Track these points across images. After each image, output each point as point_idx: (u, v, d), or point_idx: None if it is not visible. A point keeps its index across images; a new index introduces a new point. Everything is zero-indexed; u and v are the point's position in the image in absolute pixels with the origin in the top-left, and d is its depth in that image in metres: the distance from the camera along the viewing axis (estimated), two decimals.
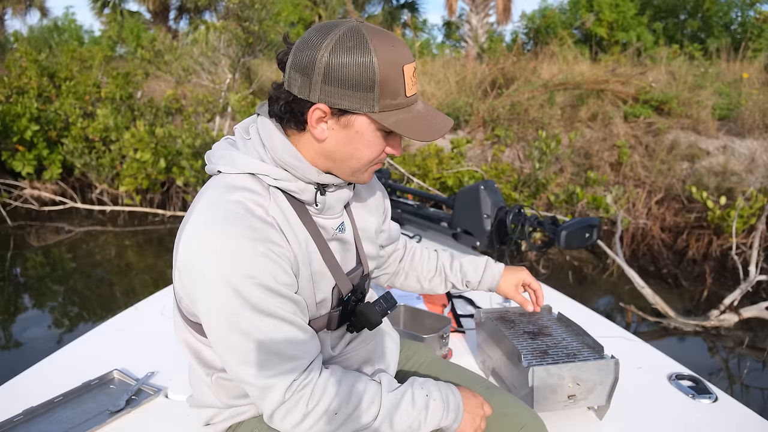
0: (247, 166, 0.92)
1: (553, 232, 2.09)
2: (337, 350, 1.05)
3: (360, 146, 0.90)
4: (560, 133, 5.42)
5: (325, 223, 0.99)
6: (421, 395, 0.97)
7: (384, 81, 0.84)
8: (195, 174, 5.34)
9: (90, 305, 3.97)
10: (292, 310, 0.90)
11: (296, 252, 0.92)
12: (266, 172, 0.92)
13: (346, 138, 0.90)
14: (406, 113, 0.89)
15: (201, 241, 0.86)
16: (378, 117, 0.87)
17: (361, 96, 0.85)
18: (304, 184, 0.94)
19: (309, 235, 0.96)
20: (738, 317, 3.50)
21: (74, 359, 1.55)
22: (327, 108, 0.86)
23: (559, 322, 1.51)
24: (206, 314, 0.89)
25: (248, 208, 0.88)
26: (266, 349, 0.87)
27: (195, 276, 0.88)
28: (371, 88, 0.84)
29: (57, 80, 7.29)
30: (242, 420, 1.04)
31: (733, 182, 5.28)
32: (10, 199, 6.06)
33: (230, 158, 0.93)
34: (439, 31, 27.81)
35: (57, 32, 16.75)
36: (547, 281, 2.35)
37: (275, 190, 0.93)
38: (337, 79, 0.84)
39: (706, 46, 9.62)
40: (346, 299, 1.02)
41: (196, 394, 1.08)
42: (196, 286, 0.88)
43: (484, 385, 1.18)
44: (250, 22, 6.43)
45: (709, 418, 1.35)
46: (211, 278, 0.85)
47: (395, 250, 1.34)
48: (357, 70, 0.83)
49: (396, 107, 0.88)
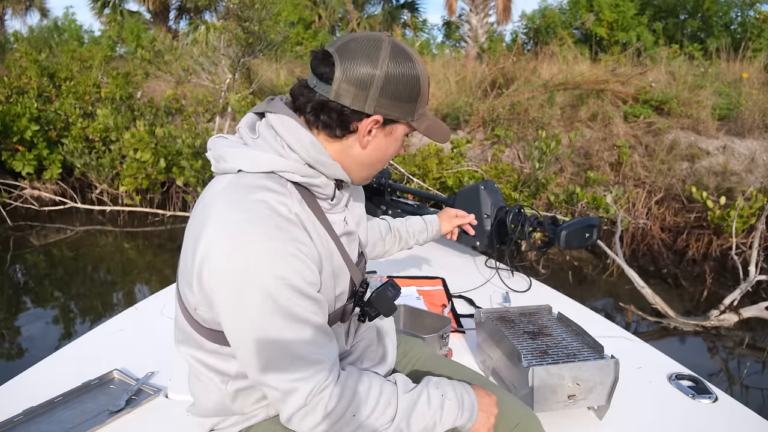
0: (270, 163, 0.91)
1: (553, 232, 2.09)
2: (349, 344, 1.08)
3: (389, 149, 1.00)
4: (560, 133, 5.42)
5: (335, 218, 1.01)
6: (436, 395, 0.98)
7: (423, 92, 0.95)
8: (195, 174, 5.33)
9: (90, 305, 3.97)
10: (315, 311, 0.90)
11: (319, 249, 0.93)
12: (291, 169, 0.92)
13: (385, 144, 0.98)
14: (429, 119, 1.01)
15: (227, 244, 0.85)
16: (415, 124, 0.97)
17: (409, 107, 0.95)
18: (326, 179, 0.97)
19: (326, 231, 0.97)
20: (738, 317, 3.50)
21: (74, 359, 1.55)
22: (381, 119, 0.94)
23: (559, 322, 1.51)
24: (232, 318, 0.87)
25: (273, 207, 0.87)
26: (291, 352, 0.86)
27: (220, 278, 0.86)
28: (416, 99, 0.95)
29: (57, 80, 7.28)
30: (252, 424, 1.03)
31: (733, 182, 5.28)
32: (10, 199, 6.06)
33: (254, 157, 0.92)
34: (439, 31, 27.79)
35: (57, 32, 16.75)
36: (547, 281, 2.35)
37: (293, 187, 0.93)
38: (392, 92, 0.92)
39: (706, 46, 9.61)
40: (356, 290, 1.05)
41: (202, 402, 1.04)
42: (221, 289, 0.86)
43: (480, 382, 1.18)
44: (250, 22, 6.43)
45: (709, 418, 1.35)
46: (239, 280, 0.84)
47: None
48: (408, 84, 0.93)
49: (423, 115, 1.00)
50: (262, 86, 7.39)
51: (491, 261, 2.44)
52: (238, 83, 7.07)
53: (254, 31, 6.46)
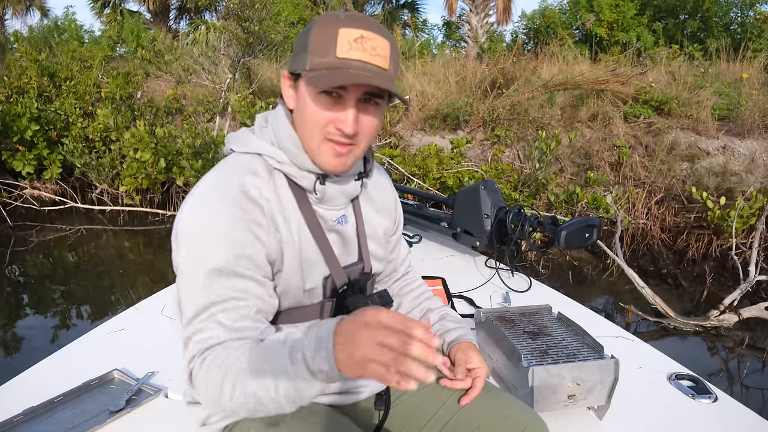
0: (256, 146, 0.98)
1: (553, 232, 2.09)
2: None
3: (305, 111, 0.91)
4: (560, 133, 5.42)
5: (325, 213, 1.01)
6: (292, 349, 0.77)
7: (314, 40, 0.87)
8: (195, 174, 5.33)
9: (90, 305, 3.97)
10: (249, 267, 0.90)
11: (284, 237, 0.95)
12: (271, 154, 0.96)
13: (298, 104, 0.93)
14: (330, 71, 0.85)
15: (191, 212, 0.92)
16: (305, 74, 0.87)
17: (300, 57, 0.89)
18: (299, 170, 0.97)
19: (304, 221, 0.98)
20: (738, 317, 3.50)
21: (74, 359, 1.55)
22: (287, 73, 0.94)
23: (559, 322, 1.51)
24: (179, 272, 0.92)
25: (243, 187, 0.92)
26: (199, 301, 0.87)
27: (179, 241, 0.92)
28: (305, 48, 0.88)
29: (57, 80, 7.29)
30: (237, 420, 1.04)
31: (732, 182, 5.28)
32: (10, 199, 6.06)
33: (245, 139, 1.00)
34: (439, 31, 27.81)
35: (57, 32, 16.74)
36: (547, 281, 2.35)
37: (279, 174, 0.97)
38: (294, 48, 0.92)
39: (705, 46, 9.61)
40: (341, 291, 1.02)
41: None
42: (179, 249, 0.91)
43: (484, 387, 1.17)
44: (250, 22, 6.43)
45: (709, 418, 1.35)
46: (189, 243, 0.90)
47: (394, 271, 1.34)
48: (303, 36, 0.90)
49: (323, 66, 0.86)
50: (262, 86, 7.39)
51: (491, 261, 2.44)
52: (238, 83, 7.07)
53: (254, 31, 6.46)
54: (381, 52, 0.87)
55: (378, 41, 0.87)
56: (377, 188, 1.16)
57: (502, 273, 2.30)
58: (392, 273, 1.33)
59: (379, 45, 0.87)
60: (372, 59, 0.86)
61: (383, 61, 0.88)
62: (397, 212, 1.23)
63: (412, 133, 6.29)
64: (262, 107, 5.24)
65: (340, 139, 0.90)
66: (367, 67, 0.86)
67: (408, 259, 1.37)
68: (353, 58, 0.85)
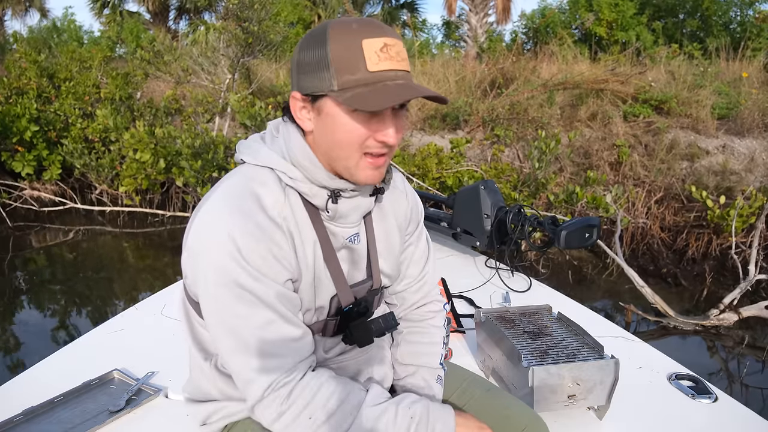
0: (268, 160, 0.93)
1: (553, 232, 2.09)
2: (331, 354, 1.04)
3: (336, 131, 0.87)
4: (560, 133, 5.42)
5: (337, 230, 0.98)
6: (404, 416, 0.92)
7: (336, 57, 0.83)
8: (195, 174, 5.33)
9: (90, 305, 3.97)
10: (287, 306, 0.90)
11: (300, 255, 0.93)
12: (284, 170, 0.93)
13: (324, 125, 0.88)
14: (368, 88, 0.83)
15: (209, 228, 0.88)
16: (337, 95, 0.83)
17: (320, 77, 0.84)
18: (316, 188, 0.93)
19: (317, 239, 0.95)
20: (738, 316, 3.50)
21: (74, 359, 1.55)
22: (299, 95, 0.89)
23: (559, 322, 1.51)
24: (205, 298, 0.91)
25: (261, 204, 0.90)
26: (254, 342, 0.88)
27: (198, 260, 0.90)
28: (327, 67, 0.83)
29: (56, 81, 7.29)
30: (237, 420, 1.04)
31: (732, 181, 5.28)
32: (10, 199, 6.06)
33: (255, 150, 0.96)
34: (439, 31, 27.77)
35: (56, 33, 16.71)
36: (547, 281, 2.34)
37: (291, 189, 0.94)
38: (305, 65, 0.86)
39: (705, 45, 9.61)
40: (347, 310, 1.00)
41: (193, 380, 1.08)
42: (199, 269, 0.90)
43: (484, 387, 1.17)
44: (250, 22, 6.42)
45: (709, 418, 1.35)
46: (211, 265, 0.87)
47: (413, 300, 1.21)
48: (314, 52, 0.85)
49: (356, 83, 0.83)
50: (262, 86, 7.39)
51: (491, 261, 2.44)
52: (238, 83, 7.07)
53: (254, 31, 6.46)
54: (403, 55, 0.86)
55: (398, 45, 0.86)
56: (393, 204, 1.14)
57: (502, 273, 2.30)
58: (413, 285, 1.20)
59: (400, 49, 0.86)
60: (399, 65, 0.85)
61: (406, 64, 0.87)
62: (410, 217, 1.19)
63: (412, 133, 6.29)
64: (261, 107, 5.24)
65: (380, 151, 0.89)
66: (398, 75, 0.85)
67: (431, 282, 1.24)
68: (384, 69, 0.83)
